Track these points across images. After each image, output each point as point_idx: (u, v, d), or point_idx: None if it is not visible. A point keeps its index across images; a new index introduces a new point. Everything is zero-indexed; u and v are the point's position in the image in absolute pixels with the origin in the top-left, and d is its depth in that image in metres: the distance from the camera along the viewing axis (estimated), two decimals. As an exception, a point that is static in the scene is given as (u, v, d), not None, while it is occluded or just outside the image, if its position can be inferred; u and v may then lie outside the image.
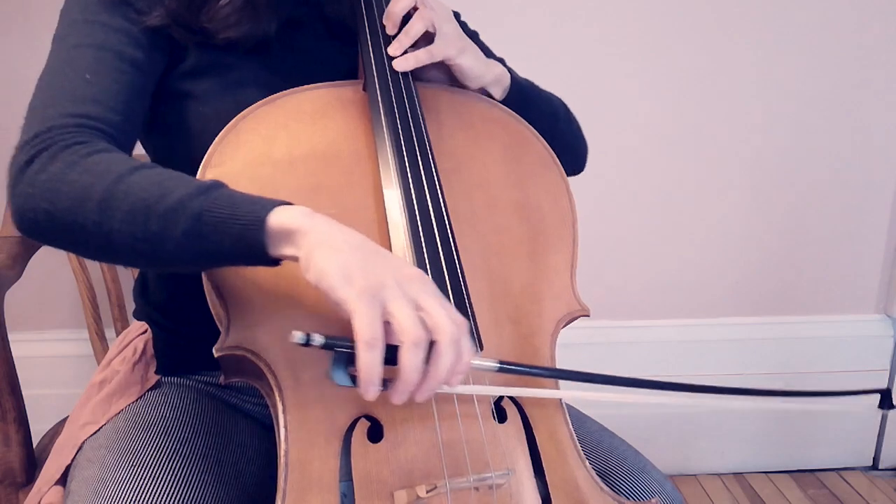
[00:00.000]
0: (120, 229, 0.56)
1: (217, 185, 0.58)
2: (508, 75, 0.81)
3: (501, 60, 0.88)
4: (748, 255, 1.60)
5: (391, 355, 0.52)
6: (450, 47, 0.75)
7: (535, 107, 0.83)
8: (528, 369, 0.65)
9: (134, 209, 0.56)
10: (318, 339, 0.52)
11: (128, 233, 0.56)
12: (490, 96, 0.80)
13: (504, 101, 0.80)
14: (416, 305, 0.52)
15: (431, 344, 0.52)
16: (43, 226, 0.59)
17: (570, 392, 0.68)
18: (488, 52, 0.87)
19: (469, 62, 0.76)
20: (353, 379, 0.54)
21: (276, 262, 0.56)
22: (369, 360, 0.51)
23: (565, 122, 0.89)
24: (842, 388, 1.75)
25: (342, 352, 0.54)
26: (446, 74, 0.78)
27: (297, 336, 0.52)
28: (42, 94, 0.65)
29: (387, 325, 0.52)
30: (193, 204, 0.55)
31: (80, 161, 0.59)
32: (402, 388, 0.53)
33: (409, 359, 0.51)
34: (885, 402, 0.66)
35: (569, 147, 0.88)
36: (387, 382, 0.53)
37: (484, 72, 0.78)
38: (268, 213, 0.54)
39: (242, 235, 0.54)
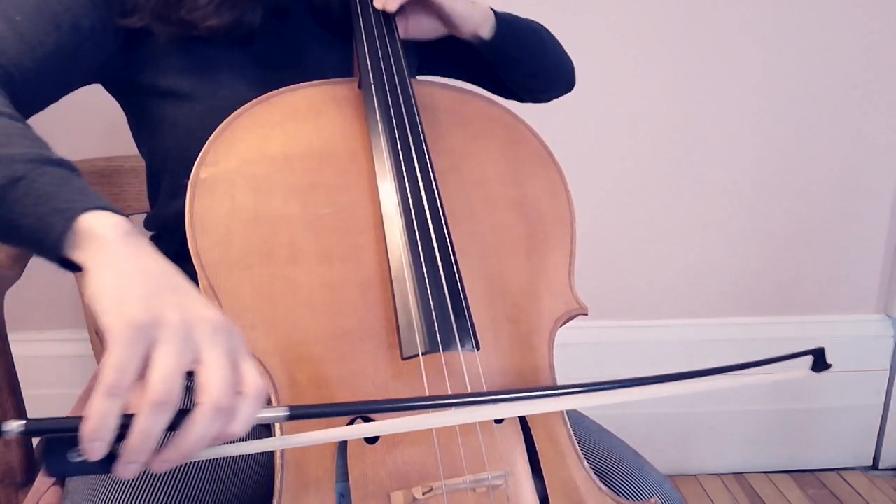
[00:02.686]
0: None
1: (62, 163, 0.52)
2: (492, 12, 0.81)
3: None
4: (748, 255, 1.60)
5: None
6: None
7: (524, 36, 0.84)
8: (324, 409, 0.53)
9: None
10: (13, 427, 0.40)
11: None
12: (480, 41, 0.80)
13: (494, 38, 0.80)
14: (195, 357, 0.43)
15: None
16: None
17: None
18: None
19: (461, 8, 0.76)
20: (84, 464, 0.41)
21: (65, 262, 0.49)
22: (100, 410, 0.40)
23: (551, 43, 0.90)
24: (843, 389, 1.75)
25: (57, 437, 0.41)
26: (438, 22, 0.78)
27: None
28: None
29: None
30: (19, 166, 0.50)
31: None
32: (126, 456, 0.42)
33: (140, 421, 0.41)
34: (818, 364, 0.65)
35: (561, 66, 0.90)
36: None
37: (473, 13, 0.78)
38: (85, 210, 0.48)
39: (46, 218, 0.48)
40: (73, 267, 0.49)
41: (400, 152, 0.68)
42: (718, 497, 1.60)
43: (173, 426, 0.42)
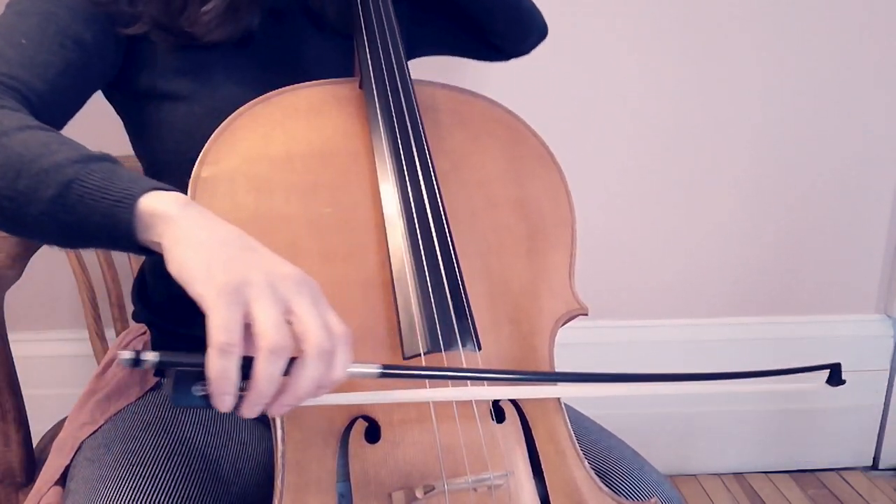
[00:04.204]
0: None
1: (103, 157, 0.54)
2: None
3: None
4: (748, 255, 1.60)
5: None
6: None
7: None
8: (414, 372, 0.57)
9: (7, 163, 0.53)
10: (149, 357, 0.45)
11: None
12: None
13: None
14: (286, 308, 0.47)
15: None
16: None
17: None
18: None
19: None
20: (206, 398, 0.46)
21: (144, 249, 0.53)
22: (220, 368, 0.44)
23: None
24: (843, 389, 1.75)
25: (184, 371, 0.47)
26: None
27: (125, 357, 0.45)
28: None
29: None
30: (68, 170, 0.52)
31: None
32: (252, 399, 0.47)
33: (262, 368, 0.45)
34: (833, 378, 0.65)
35: (534, 11, 0.91)
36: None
37: None
38: (141, 194, 0.51)
39: (111, 212, 0.51)
40: (140, 249, 0.52)
41: (401, 153, 0.68)
42: (718, 497, 1.60)
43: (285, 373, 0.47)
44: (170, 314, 0.82)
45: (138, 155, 0.81)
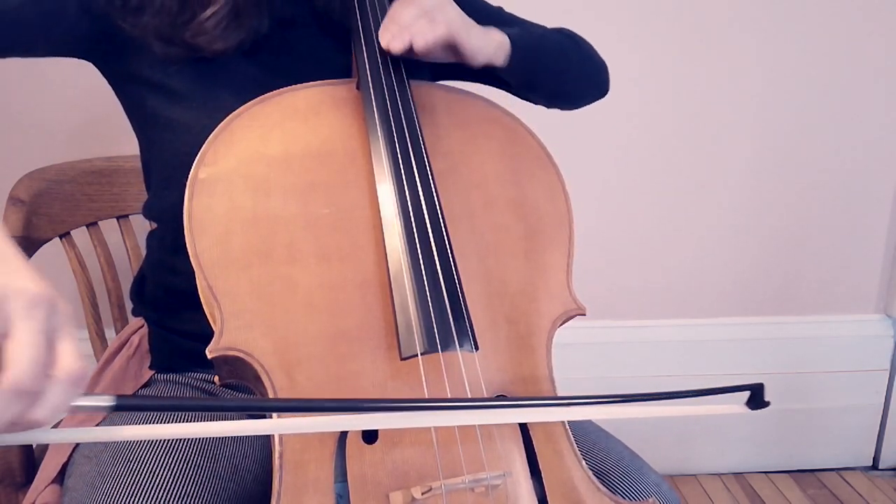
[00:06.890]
0: None
1: None
2: (507, 39, 0.77)
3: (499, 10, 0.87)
4: (748, 255, 1.60)
5: None
6: (460, 31, 0.71)
7: (543, 58, 0.81)
8: (149, 403, 0.52)
9: None
10: None
11: None
12: (494, 68, 0.77)
13: (508, 66, 0.77)
14: (3, 332, 0.39)
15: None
16: None
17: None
18: (484, 7, 0.86)
19: (475, 41, 0.72)
20: None
21: None
22: None
23: (577, 55, 0.87)
24: (843, 389, 1.74)
25: None
26: (450, 52, 0.73)
27: None
28: None
29: None
30: None
31: None
32: None
33: None
34: (753, 400, 0.61)
35: (589, 77, 0.89)
36: None
37: (486, 46, 0.74)
38: None
39: None
40: None
41: (398, 154, 0.68)
42: (718, 497, 1.60)
43: None
44: (165, 311, 0.82)
45: (141, 141, 0.81)
